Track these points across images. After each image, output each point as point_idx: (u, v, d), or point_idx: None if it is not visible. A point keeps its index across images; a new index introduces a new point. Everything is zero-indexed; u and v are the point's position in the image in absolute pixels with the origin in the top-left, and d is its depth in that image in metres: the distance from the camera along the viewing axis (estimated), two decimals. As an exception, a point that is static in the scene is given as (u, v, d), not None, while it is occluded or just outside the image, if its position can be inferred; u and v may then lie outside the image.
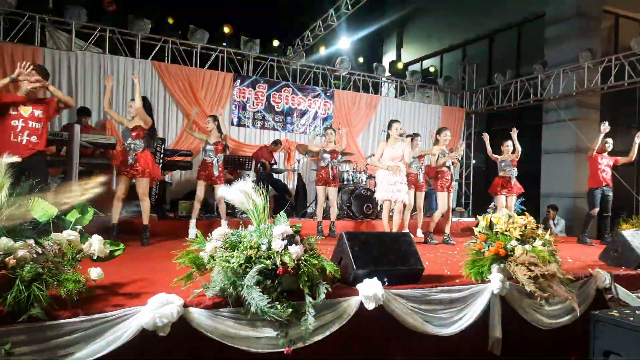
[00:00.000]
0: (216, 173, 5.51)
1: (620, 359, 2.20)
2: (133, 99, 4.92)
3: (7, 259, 1.89)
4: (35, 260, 1.96)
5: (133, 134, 4.72)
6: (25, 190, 2.11)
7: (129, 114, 4.97)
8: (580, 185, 8.75)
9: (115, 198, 4.78)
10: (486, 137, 6.75)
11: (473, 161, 11.37)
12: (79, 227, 2.29)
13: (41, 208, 2.22)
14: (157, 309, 2.06)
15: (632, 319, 2.23)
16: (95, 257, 2.26)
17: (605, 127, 6.26)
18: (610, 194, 6.40)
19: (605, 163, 6.48)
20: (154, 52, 7.94)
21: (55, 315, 1.95)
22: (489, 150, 6.69)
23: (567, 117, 9.48)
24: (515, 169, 6.49)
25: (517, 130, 6.62)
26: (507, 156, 6.56)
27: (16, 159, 2.11)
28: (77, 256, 2.17)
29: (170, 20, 8.35)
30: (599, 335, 2.31)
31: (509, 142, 6.59)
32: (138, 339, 2.04)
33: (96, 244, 2.25)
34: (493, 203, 7.86)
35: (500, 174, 6.55)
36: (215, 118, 5.72)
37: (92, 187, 1.63)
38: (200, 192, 5.55)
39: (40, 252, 2.00)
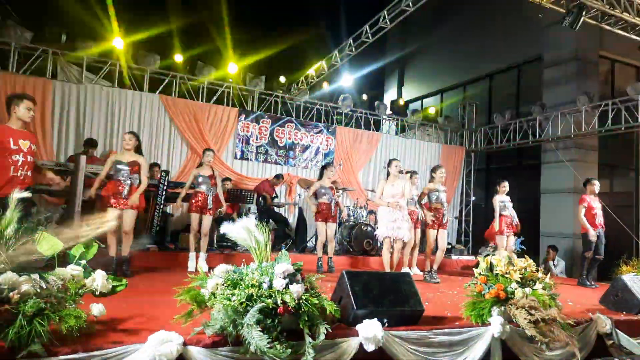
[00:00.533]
0: (209, 205, 5.52)
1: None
2: (132, 132, 4.97)
3: (11, 293, 1.91)
4: (38, 295, 1.98)
5: (130, 168, 4.73)
6: (33, 225, 2.14)
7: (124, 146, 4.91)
8: (578, 225, 8.76)
9: (109, 232, 4.64)
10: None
11: (472, 198, 11.43)
12: (83, 261, 2.32)
13: (47, 242, 2.25)
14: (157, 347, 2.06)
15: (632, 367, 2.23)
16: (97, 293, 2.27)
17: None
18: (603, 237, 6.35)
19: (596, 206, 6.45)
20: (162, 86, 8.15)
21: (55, 352, 1.95)
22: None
23: (565, 158, 9.60)
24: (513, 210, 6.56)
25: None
26: (505, 197, 6.60)
27: (27, 194, 2.16)
28: (80, 291, 2.19)
29: (178, 60, 8.59)
30: (600, 384, 2.30)
31: (506, 183, 6.63)
32: (136, 377, 2.03)
33: (99, 280, 2.26)
34: (492, 243, 7.85)
35: (504, 212, 6.54)
36: (213, 152, 5.81)
37: (99, 225, 1.66)
38: (195, 223, 5.55)
39: (44, 287, 2.02)
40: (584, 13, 6.80)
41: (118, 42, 7.71)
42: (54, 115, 7.16)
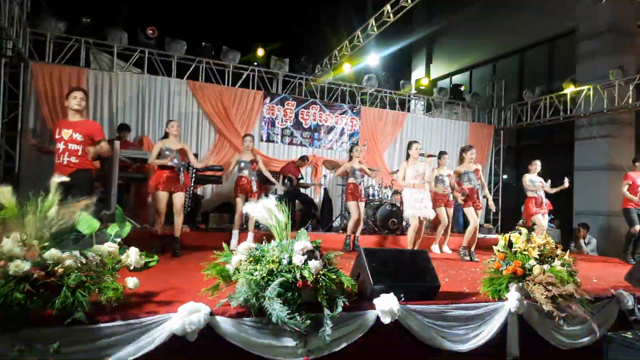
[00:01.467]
0: (254, 189, 5.79)
1: (632, 380, 2.23)
2: (174, 120, 5.24)
3: (55, 267, 2.11)
4: (79, 269, 2.18)
5: (180, 155, 5.08)
6: (71, 206, 2.34)
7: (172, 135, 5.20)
8: (613, 203, 8.55)
9: (158, 213, 5.09)
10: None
11: (504, 176, 11.27)
12: (118, 239, 2.52)
13: (85, 222, 2.46)
14: (187, 317, 2.24)
15: (644, 340, 2.26)
16: (132, 268, 2.47)
17: None
18: None
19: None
20: (189, 71, 8.35)
21: (96, 320, 2.16)
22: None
23: (599, 134, 9.32)
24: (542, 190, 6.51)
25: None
26: (535, 177, 6.54)
27: (64, 178, 2.36)
28: (116, 266, 2.39)
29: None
30: (611, 357, 2.34)
31: (537, 162, 6.57)
32: (168, 343, 2.23)
33: (133, 256, 2.46)
34: (521, 220, 7.79)
35: (531, 194, 6.51)
36: (252, 138, 6.02)
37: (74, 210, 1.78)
38: (240, 206, 5.80)
39: (84, 262, 2.23)
40: None
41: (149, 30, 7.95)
42: (88, 103, 7.46)
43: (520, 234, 3.40)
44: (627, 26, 9.55)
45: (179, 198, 5.06)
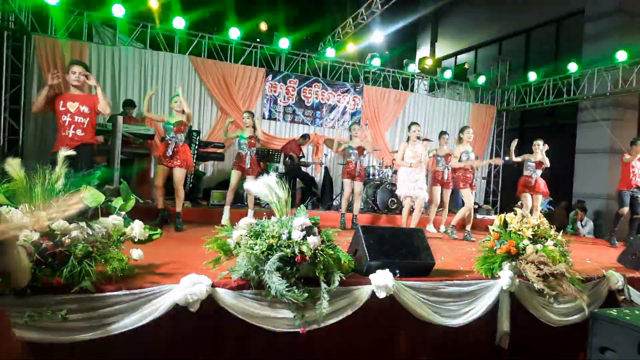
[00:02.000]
0: (248, 166, 5.81)
1: (614, 355, 2.32)
2: (178, 95, 5.25)
3: (63, 238, 2.20)
4: (86, 240, 2.27)
5: (175, 128, 5.07)
6: (78, 179, 2.41)
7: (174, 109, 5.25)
8: (613, 186, 8.60)
9: (155, 187, 5.18)
10: (514, 144, 6.71)
11: (505, 158, 11.28)
12: (123, 212, 2.60)
13: (91, 195, 2.53)
14: (189, 287, 2.34)
15: (628, 317, 2.35)
16: (136, 240, 2.56)
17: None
18: (639, 197, 6.34)
19: (637, 165, 6.39)
20: (192, 47, 8.31)
21: (102, 289, 2.25)
22: (512, 155, 6.68)
23: (603, 117, 9.30)
24: (539, 171, 6.52)
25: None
26: (535, 157, 6.57)
27: (71, 152, 2.42)
28: (121, 238, 2.47)
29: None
30: (596, 332, 2.44)
31: (540, 142, 6.60)
32: (171, 313, 2.33)
33: (137, 228, 2.55)
34: (520, 202, 7.88)
35: (526, 173, 6.58)
36: (251, 114, 6.02)
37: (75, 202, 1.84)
38: (234, 180, 5.86)
39: (91, 233, 2.31)
40: None
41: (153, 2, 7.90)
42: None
43: (515, 214, 3.47)
44: (634, 8, 9.41)
45: (178, 173, 5.11)
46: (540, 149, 6.57)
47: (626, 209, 6.34)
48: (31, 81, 7.08)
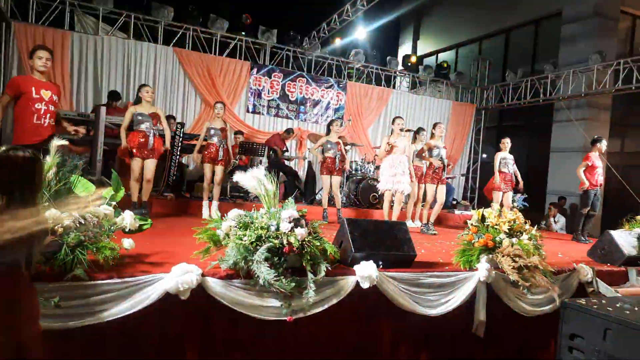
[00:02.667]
0: (220, 157, 5.77)
1: (582, 341, 2.49)
2: (147, 85, 5.19)
3: (55, 227, 2.23)
4: (78, 230, 2.30)
5: (154, 120, 5.06)
6: (70, 169, 2.44)
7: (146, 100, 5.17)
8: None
9: (133, 179, 5.08)
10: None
11: (484, 156, 11.56)
12: (114, 202, 2.63)
13: (81, 185, 2.56)
14: (180, 276, 2.40)
15: (595, 306, 2.51)
16: (127, 230, 2.60)
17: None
18: (599, 194, 6.60)
19: (599, 165, 6.60)
20: (176, 38, 8.26)
21: (94, 277, 2.29)
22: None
23: (577, 117, 9.62)
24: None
25: None
26: (507, 155, 6.78)
27: (65, 142, 2.44)
28: (112, 228, 2.51)
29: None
30: (567, 321, 2.60)
31: (507, 140, 6.81)
32: (162, 300, 2.38)
33: (128, 218, 2.59)
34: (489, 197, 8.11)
35: (503, 169, 6.75)
36: (224, 105, 5.99)
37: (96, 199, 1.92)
38: (208, 173, 5.83)
39: (82, 222, 2.34)
40: None
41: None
42: (72, 67, 7.38)
43: (492, 209, 3.63)
44: (611, 11, 9.75)
45: (151, 164, 5.07)
46: (508, 145, 6.78)
47: (587, 209, 6.55)
48: (10, 70, 6.94)
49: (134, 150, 4.99)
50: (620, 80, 8.32)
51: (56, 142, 2.37)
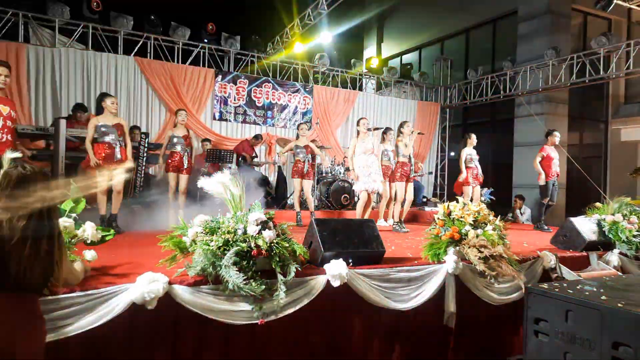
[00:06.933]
0: (185, 165, 5.71)
1: (546, 325, 2.57)
2: (110, 94, 5.08)
3: (12, 242, 2.15)
4: (36, 244, 2.23)
5: (118, 131, 4.94)
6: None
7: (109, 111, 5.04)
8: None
9: (100, 192, 4.91)
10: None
11: (451, 153, 11.81)
12: (74, 214, 2.56)
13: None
14: (146, 286, 2.35)
15: (557, 290, 2.60)
16: (89, 242, 2.53)
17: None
18: (557, 184, 6.86)
19: (554, 156, 6.86)
20: (136, 48, 8.12)
21: (55, 291, 2.22)
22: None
23: (537, 111, 9.96)
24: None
25: None
26: (472, 150, 6.95)
27: (17, 154, 2.36)
28: (73, 240, 2.44)
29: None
30: (531, 305, 2.67)
31: (473, 136, 6.99)
32: (128, 312, 2.33)
33: (89, 230, 2.52)
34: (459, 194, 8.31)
35: (470, 165, 6.92)
36: (187, 113, 5.92)
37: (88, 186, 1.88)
38: (172, 182, 5.74)
39: (41, 236, 2.27)
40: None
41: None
42: (29, 80, 7.15)
43: (457, 202, 3.71)
44: (562, 9, 10.16)
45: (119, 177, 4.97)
46: (474, 141, 6.97)
47: (547, 199, 6.81)
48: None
49: (100, 163, 4.87)
50: (574, 74, 8.67)
51: (9, 155, 2.29)
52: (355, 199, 7.92)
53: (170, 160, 5.72)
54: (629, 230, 4.43)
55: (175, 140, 5.72)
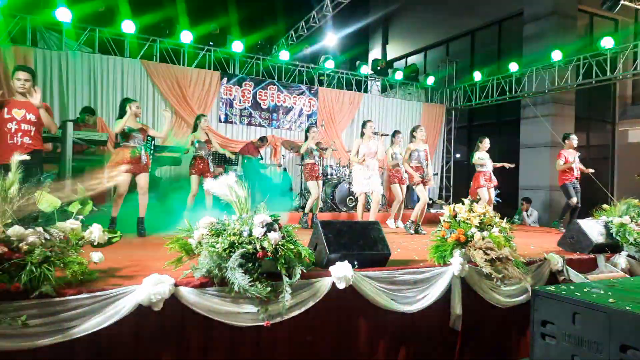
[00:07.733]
0: (211, 169, 5.85)
1: (553, 327, 2.55)
2: (134, 100, 5.16)
3: (20, 244, 2.17)
4: (43, 245, 2.25)
5: (141, 135, 5.04)
6: (33, 185, 2.39)
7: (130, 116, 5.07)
8: (554, 178, 9.17)
9: (118, 195, 4.96)
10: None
11: (457, 155, 11.78)
12: (81, 217, 2.58)
13: (46, 200, 2.51)
14: (152, 287, 2.36)
15: (564, 292, 2.58)
16: (95, 244, 2.55)
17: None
18: (579, 187, 6.82)
19: (573, 159, 6.85)
20: (143, 51, 8.17)
21: (63, 293, 2.23)
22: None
23: (543, 113, 9.91)
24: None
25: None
26: (484, 154, 6.95)
27: (25, 157, 2.39)
28: (80, 242, 2.46)
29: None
30: (538, 307, 2.66)
31: (486, 140, 6.98)
32: (135, 313, 2.34)
33: (96, 232, 2.54)
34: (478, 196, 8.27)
35: (482, 168, 6.92)
36: (207, 117, 6.03)
37: (91, 186, 1.90)
38: (195, 185, 5.82)
39: (48, 238, 2.29)
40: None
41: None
42: (37, 83, 7.18)
43: (463, 204, 3.70)
44: (568, 10, 10.11)
45: (144, 178, 5.04)
46: (487, 145, 6.96)
47: (575, 199, 6.78)
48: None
49: (125, 166, 4.89)
50: (580, 75, 8.62)
51: (17, 157, 2.32)
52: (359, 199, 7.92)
53: (194, 163, 5.88)
54: (636, 232, 4.40)
55: (197, 144, 5.88)
